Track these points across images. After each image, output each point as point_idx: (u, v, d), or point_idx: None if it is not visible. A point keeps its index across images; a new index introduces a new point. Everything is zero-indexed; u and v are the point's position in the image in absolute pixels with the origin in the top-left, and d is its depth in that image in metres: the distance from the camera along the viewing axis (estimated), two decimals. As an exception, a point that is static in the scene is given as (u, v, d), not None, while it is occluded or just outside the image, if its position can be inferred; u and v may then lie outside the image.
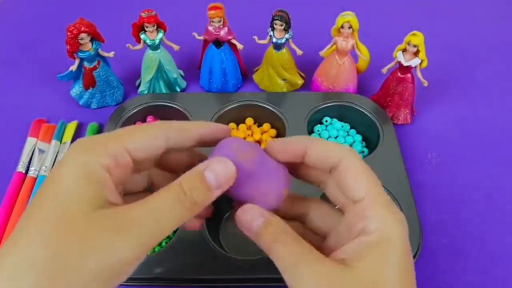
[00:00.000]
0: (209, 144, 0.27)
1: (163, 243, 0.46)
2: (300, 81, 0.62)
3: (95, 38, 0.54)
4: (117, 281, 0.22)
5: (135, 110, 0.56)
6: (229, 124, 0.56)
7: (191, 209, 0.23)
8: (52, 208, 0.21)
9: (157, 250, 0.45)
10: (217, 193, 0.24)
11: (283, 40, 0.56)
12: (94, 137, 0.24)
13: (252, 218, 0.24)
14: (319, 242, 0.27)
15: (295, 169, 0.28)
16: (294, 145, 0.26)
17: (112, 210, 0.22)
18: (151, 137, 0.24)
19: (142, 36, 0.56)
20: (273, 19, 0.54)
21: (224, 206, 0.49)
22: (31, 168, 0.51)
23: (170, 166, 0.28)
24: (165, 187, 0.23)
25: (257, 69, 0.63)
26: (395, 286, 0.21)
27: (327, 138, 0.55)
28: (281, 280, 0.24)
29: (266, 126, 0.56)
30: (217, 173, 0.24)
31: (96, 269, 0.20)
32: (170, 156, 0.28)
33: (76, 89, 0.59)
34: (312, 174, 0.28)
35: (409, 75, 0.54)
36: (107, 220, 0.21)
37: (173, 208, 0.22)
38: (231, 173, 0.24)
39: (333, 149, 0.26)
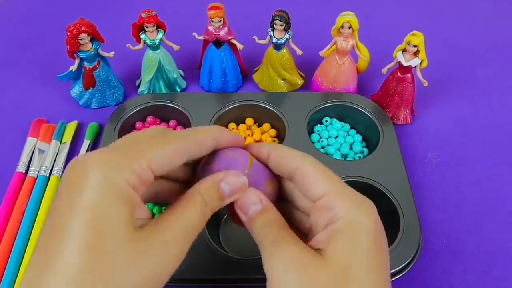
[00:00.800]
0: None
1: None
2: (300, 81, 0.62)
3: (95, 38, 0.54)
4: None
5: (135, 110, 0.56)
6: (229, 124, 0.56)
7: (210, 213, 0.25)
8: (86, 225, 0.20)
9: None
10: (228, 201, 0.26)
11: (283, 40, 0.56)
12: (116, 152, 0.23)
13: (251, 202, 0.26)
14: (306, 229, 0.28)
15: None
16: (259, 151, 0.28)
17: (149, 229, 0.22)
18: (174, 154, 0.24)
19: (142, 36, 0.56)
20: (273, 19, 0.54)
21: (224, 207, 0.49)
22: (31, 168, 0.51)
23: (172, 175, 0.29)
24: (189, 198, 0.25)
25: (257, 69, 0.63)
26: (364, 267, 0.22)
27: (327, 138, 0.55)
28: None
29: (266, 126, 0.56)
30: (231, 185, 0.26)
31: (136, 285, 0.21)
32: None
33: (76, 89, 0.59)
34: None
35: (409, 75, 0.54)
36: (148, 241, 0.21)
37: (200, 219, 0.25)
38: (244, 185, 0.26)
39: (290, 155, 0.27)
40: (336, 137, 0.55)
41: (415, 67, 0.53)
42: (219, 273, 0.41)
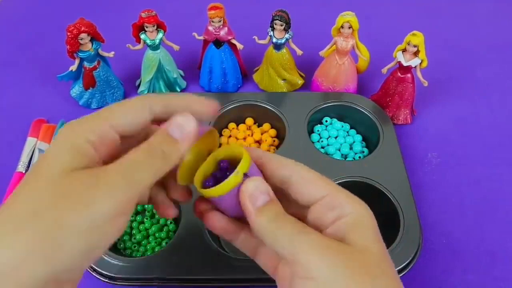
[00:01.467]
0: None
1: (163, 243, 0.46)
2: (300, 81, 0.62)
3: (95, 38, 0.54)
4: (100, 241, 0.22)
5: (135, 110, 0.55)
6: (229, 124, 0.56)
7: (163, 160, 0.24)
8: (37, 173, 0.22)
9: (157, 250, 0.45)
10: (184, 145, 0.25)
11: (283, 40, 0.56)
12: (81, 118, 0.25)
13: (259, 192, 0.25)
14: (304, 217, 0.28)
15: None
16: (254, 156, 0.28)
17: (90, 169, 0.23)
18: (134, 110, 0.25)
19: (142, 36, 0.56)
20: (273, 19, 0.54)
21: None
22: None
23: None
24: (136, 147, 0.25)
25: (257, 69, 0.63)
26: (379, 249, 0.24)
27: (327, 138, 0.55)
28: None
29: (266, 126, 0.56)
30: (180, 127, 0.26)
31: (78, 223, 0.21)
32: None
33: (76, 89, 0.59)
34: None
35: (409, 75, 0.54)
36: (85, 177, 0.22)
37: (146, 160, 0.24)
38: (193, 126, 0.26)
39: (284, 162, 0.28)
40: (336, 137, 0.55)
41: (415, 67, 0.53)
42: (219, 273, 0.41)
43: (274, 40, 0.56)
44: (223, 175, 0.27)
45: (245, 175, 0.26)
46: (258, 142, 0.55)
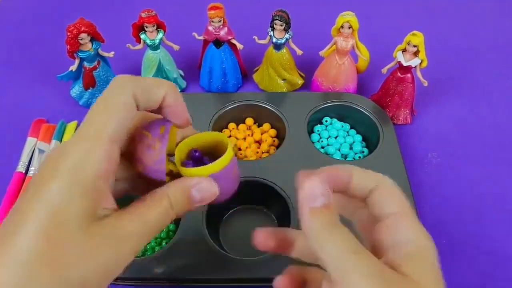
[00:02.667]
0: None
1: (163, 243, 0.46)
2: (300, 81, 0.62)
3: (95, 38, 0.54)
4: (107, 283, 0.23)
5: (135, 110, 0.55)
6: (229, 124, 0.56)
7: (172, 219, 0.25)
8: (46, 216, 0.21)
9: (157, 250, 0.45)
10: (195, 206, 0.26)
11: (283, 40, 0.56)
12: (84, 142, 0.23)
13: (319, 192, 0.24)
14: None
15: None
16: (338, 173, 0.26)
17: (107, 223, 0.22)
18: (124, 115, 0.24)
19: (142, 36, 0.56)
20: (273, 19, 0.54)
21: (224, 207, 0.49)
22: (31, 168, 0.51)
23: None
24: (155, 199, 0.24)
25: (257, 69, 0.63)
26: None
27: (327, 138, 0.55)
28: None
29: (266, 126, 0.56)
30: (203, 193, 0.25)
31: (85, 278, 0.21)
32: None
33: (76, 89, 0.59)
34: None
35: (409, 75, 0.54)
36: (102, 236, 0.22)
37: (162, 221, 0.24)
38: (215, 195, 0.26)
39: (372, 176, 0.26)
40: (336, 137, 0.55)
41: (415, 67, 0.53)
42: (219, 273, 0.41)
43: (274, 40, 0.56)
44: (197, 164, 0.26)
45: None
46: (258, 142, 0.55)
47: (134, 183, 0.27)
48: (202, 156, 0.27)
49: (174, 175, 0.26)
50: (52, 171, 0.22)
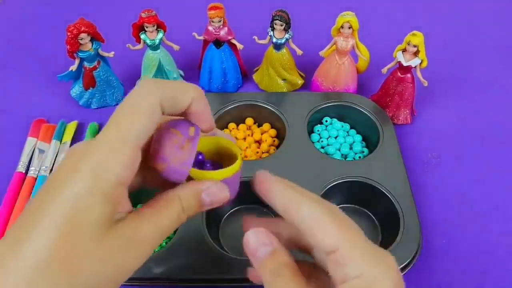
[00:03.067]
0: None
1: (163, 243, 0.46)
2: (300, 81, 0.62)
3: (95, 38, 0.54)
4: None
5: (135, 110, 0.55)
6: (229, 124, 0.56)
7: (183, 222, 0.25)
8: (63, 219, 0.20)
9: (157, 250, 0.45)
10: (205, 209, 0.26)
11: (283, 40, 0.56)
12: (105, 145, 0.22)
13: (260, 243, 0.25)
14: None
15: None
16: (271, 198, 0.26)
17: (122, 227, 0.22)
18: (148, 118, 0.23)
19: (142, 36, 0.56)
20: (273, 19, 0.54)
21: (224, 207, 0.49)
22: (31, 168, 0.51)
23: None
24: (167, 202, 0.24)
25: (257, 69, 0.63)
26: None
27: (327, 138, 0.55)
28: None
29: (266, 126, 0.56)
30: (213, 197, 0.26)
31: (98, 282, 0.21)
32: None
33: (76, 89, 0.59)
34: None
35: (409, 75, 0.54)
36: (117, 241, 0.22)
37: (174, 225, 0.25)
38: (226, 199, 0.26)
39: (296, 199, 0.25)
40: (336, 137, 0.55)
41: (415, 67, 0.53)
42: (219, 273, 0.41)
43: (274, 40, 0.56)
44: (199, 167, 0.26)
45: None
46: (258, 142, 0.55)
47: (146, 176, 0.27)
48: (204, 160, 0.27)
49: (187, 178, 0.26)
50: (73, 171, 0.21)
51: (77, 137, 0.56)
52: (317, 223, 0.24)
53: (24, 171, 0.51)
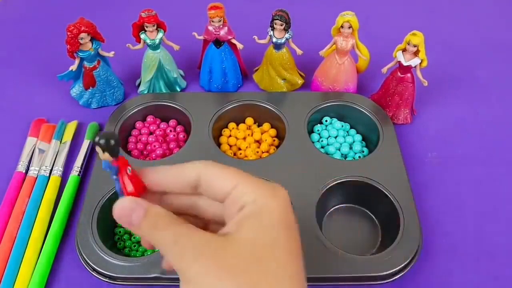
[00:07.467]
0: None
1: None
2: (300, 81, 0.62)
3: (95, 37, 0.54)
4: None
5: (135, 110, 0.56)
6: (229, 124, 0.56)
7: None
8: None
9: (157, 250, 0.45)
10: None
11: (283, 40, 0.56)
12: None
13: (131, 211, 0.25)
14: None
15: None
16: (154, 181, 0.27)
17: None
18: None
19: (142, 36, 0.56)
20: (273, 19, 0.54)
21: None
22: (31, 168, 0.51)
23: None
24: None
25: (257, 69, 0.63)
26: (267, 243, 0.23)
27: (327, 138, 0.55)
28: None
29: (266, 126, 0.56)
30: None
31: None
32: None
33: (76, 89, 0.59)
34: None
35: (409, 75, 0.54)
36: None
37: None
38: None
39: (189, 167, 0.27)
40: (336, 137, 0.55)
41: (415, 66, 0.53)
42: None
43: (274, 40, 0.56)
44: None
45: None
46: (258, 142, 0.55)
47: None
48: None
49: None
50: None
51: (77, 136, 0.56)
52: (212, 174, 0.26)
53: (24, 171, 0.51)
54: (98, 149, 0.24)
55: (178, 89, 0.62)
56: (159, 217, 0.25)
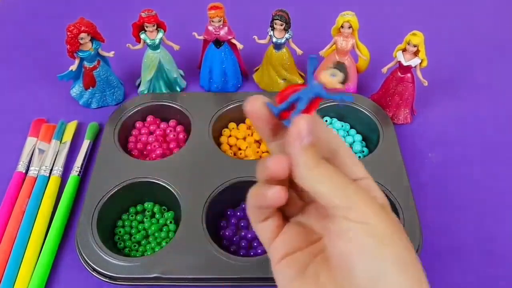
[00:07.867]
0: None
1: (163, 243, 0.46)
2: (300, 81, 0.62)
3: (95, 37, 0.54)
4: None
5: (135, 110, 0.56)
6: (229, 124, 0.56)
7: None
8: None
9: (157, 250, 0.45)
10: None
11: (283, 40, 0.56)
12: None
13: (306, 132, 0.25)
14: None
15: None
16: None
17: None
18: None
19: (142, 36, 0.56)
20: (273, 19, 0.54)
21: (224, 207, 0.49)
22: (31, 168, 0.51)
23: None
24: None
25: (257, 69, 0.63)
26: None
27: (327, 138, 0.54)
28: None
29: (266, 126, 0.56)
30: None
31: None
32: None
33: (76, 89, 0.59)
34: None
35: (409, 74, 0.54)
36: None
37: None
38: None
39: (334, 137, 0.29)
40: (336, 137, 0.55)
41: (415, 66, 0.53)
42: (219, 273, 0.41)
43: (274, 40, 0.56)
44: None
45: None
46: (258, 142, 0.55)
47: None
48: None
49: None
50: None
51: (77, 136, 0.56)
52: (351, 156, 0.28)
53: (24, 171, 0.51)
54: (334, 71, 0.25)
55: (178, 89, 0.62)
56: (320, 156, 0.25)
